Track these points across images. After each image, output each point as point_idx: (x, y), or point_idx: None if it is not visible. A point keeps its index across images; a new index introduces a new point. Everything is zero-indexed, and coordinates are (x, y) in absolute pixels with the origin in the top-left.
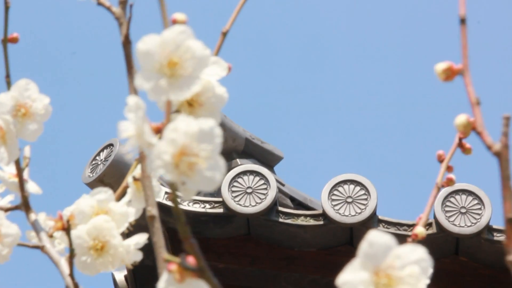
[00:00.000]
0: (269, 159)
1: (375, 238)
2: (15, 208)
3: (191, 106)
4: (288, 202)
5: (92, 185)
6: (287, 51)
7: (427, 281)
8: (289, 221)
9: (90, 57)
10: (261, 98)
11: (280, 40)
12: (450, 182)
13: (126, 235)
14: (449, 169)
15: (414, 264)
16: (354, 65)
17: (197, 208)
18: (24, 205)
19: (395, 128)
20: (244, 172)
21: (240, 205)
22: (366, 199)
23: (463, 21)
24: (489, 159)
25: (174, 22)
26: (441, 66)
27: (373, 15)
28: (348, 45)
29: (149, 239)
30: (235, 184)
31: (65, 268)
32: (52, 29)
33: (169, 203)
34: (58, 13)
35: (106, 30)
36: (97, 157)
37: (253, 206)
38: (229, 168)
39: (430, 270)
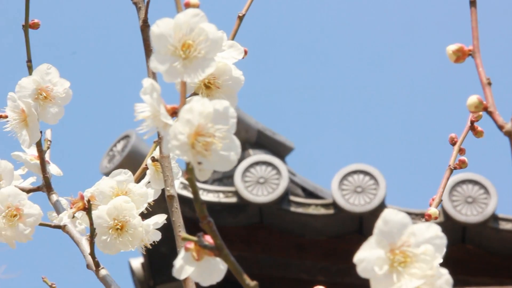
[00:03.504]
0: (280, 150)
1: (390, 215)
2: (37, 189)
3: (209, 88)
4: (299, 191)
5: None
6: (299, 43)
7: (441, 259)
8: (300, 210)
9: (111, 46)
10: (272, 90)
11: (292, 33)
12: (462, 164)
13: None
14: (461, 151)
15: (429, 242)
16: (363, 57)
17: (211, 197)
18: (46, 186)
19: (404, 118)
20: (257, 163)
21: (253, 194)
22: (375, 189)
23: (473, 3)
24: (495, 149)
25: (187, 5)
26: (452, 47)
27: (383, 2)
28: (357, 36)
29: (167, 219)
30: (248, 174)
31: (86, 248)
32: (71, 16)
33: (184, 192)
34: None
35: (126, 18)
36: (114, 148)
37: (265, 195)
38: (242, 159)
39: (445, 248)
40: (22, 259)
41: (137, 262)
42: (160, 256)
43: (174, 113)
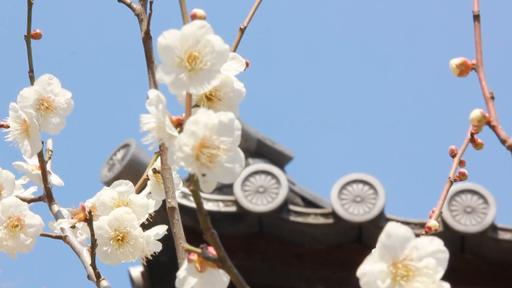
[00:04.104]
0: (280, 159)
1: (393, 229)
2: (38, 199)
3: (210, 100)
4: (299, 201)
5: (109, 184)
6: (297, 52)
7: (442, 272)
8: (299, 219)
9: (110, 56)
10: (272, 100)
11: (291, 41)
12: (462, 176)
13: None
14: (461, 163)
15: (431, 256)
16: (362, 65)
17: (211, 206)
18: (47, 197)
19: (404, 128)
20: (256, 172)
21: (252, 203)
22: (374, 198)
23: (476, 17)
24: (494, 159)
25: (194, 17)
26: (455, 61)
27: (385, 12)
28: (357, 45)
29: (167, 231)
30: (247, 183)
31: (87, 258)
32: (72, 25)
33: (183, 201)
34: (79, 9)
35: (127, 28)
36: (114, 157)
37: (265, 204)
38: None
39: (447, 262)
40: (22, 269)
41: (136, 271)
42: (159, 265)
43: (179, 124)
